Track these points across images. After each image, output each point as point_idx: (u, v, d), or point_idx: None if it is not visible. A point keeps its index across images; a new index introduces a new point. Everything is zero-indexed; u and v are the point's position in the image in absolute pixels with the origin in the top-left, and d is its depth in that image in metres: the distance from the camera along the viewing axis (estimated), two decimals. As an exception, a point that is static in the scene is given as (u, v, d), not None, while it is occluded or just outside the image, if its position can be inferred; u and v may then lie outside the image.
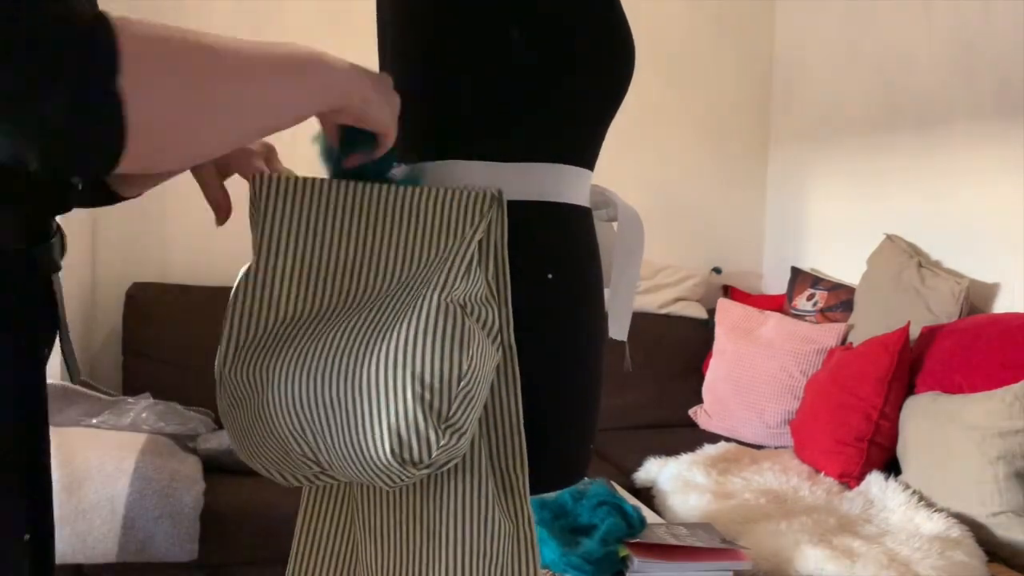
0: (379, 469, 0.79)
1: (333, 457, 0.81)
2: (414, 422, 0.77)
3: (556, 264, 0.93)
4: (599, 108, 0.96)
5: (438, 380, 0.77)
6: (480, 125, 0.91)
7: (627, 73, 0.97)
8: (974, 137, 2.71)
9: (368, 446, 0.78)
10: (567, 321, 0.94)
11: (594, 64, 0.94)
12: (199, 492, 2.23)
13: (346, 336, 0.80)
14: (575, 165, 0.95)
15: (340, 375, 0.79)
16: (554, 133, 0.93)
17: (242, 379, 0.82)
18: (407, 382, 0.77)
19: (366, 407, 0.77)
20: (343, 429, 0.78)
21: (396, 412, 0.77)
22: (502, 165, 0.90)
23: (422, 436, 0.77)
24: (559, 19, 0.90)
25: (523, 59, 0.89)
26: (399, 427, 0.77)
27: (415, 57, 0.92)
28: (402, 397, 0.77)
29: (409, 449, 0.77)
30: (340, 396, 0.78)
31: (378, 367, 0.78)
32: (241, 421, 0.84)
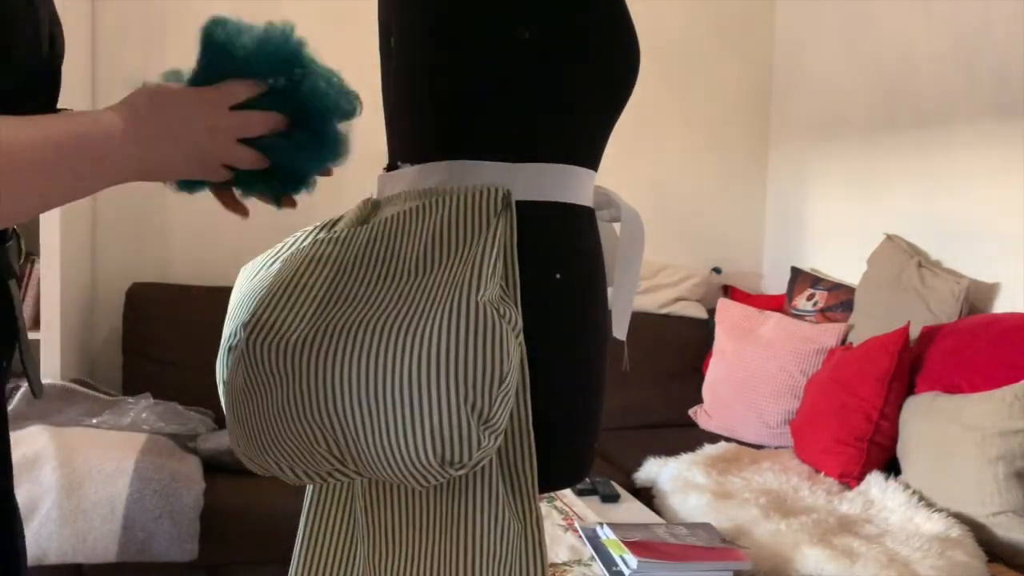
0: (416, 470, 0.80)
1: (364, 456, 0.81)
2: (458, 424, 0.78)
3: (563, 264, 0.93)
4: (605, 108, 0.97)
5: (481, 382, 0.78)
6: (489, 125, 0.91)
7: (633, 73, 0.98)
8: (974, 137, 2.71)
9: (409, 447, 0.78)
10: (574, 321, 0.94)
11: (601, 64, 0.94)
12: (199, 492, 2.23)
13: (381, 335, 0.80)
14: (580, 166, 0.95)
15: (379, 375, 0.79)
16: (561, 133, 0.94)
17: (270, 360, 0.82)
18: (451, 384, 0.78)
19: (407, 409, 0.78)
20: (381, 429, 0.79)
21: (440, 414, 0.78)
22: (510, 165, 0.91)
23: (465, 438, 0.78)
24: (568, 19, 0.91)
25: (532, 59, 0.89)
26: (443, 429, 0.78)
27: (424, 57, 0.92)
28: (446, 399, 0.78)
29: (452, 450, 0.78)
30: (380, 397, 0.79)
31: (419, 368, 0.78)
32: (261, 408, 0.83)
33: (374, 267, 0.85)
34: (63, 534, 2.07)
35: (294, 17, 1.00)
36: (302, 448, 0.83)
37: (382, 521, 0.92)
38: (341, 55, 1.04)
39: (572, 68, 0.92)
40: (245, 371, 0.83)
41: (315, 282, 0.85)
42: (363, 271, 0.85)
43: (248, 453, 0.87)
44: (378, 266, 0.85)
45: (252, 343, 0.82)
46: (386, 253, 0.86)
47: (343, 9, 3.17)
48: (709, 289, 3.62)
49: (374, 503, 0.93)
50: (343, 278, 0.85)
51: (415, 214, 0.87)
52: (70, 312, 2.82)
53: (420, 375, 0.78)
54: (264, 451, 0.85)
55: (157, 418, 2.54)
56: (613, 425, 3.15)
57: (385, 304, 0.82)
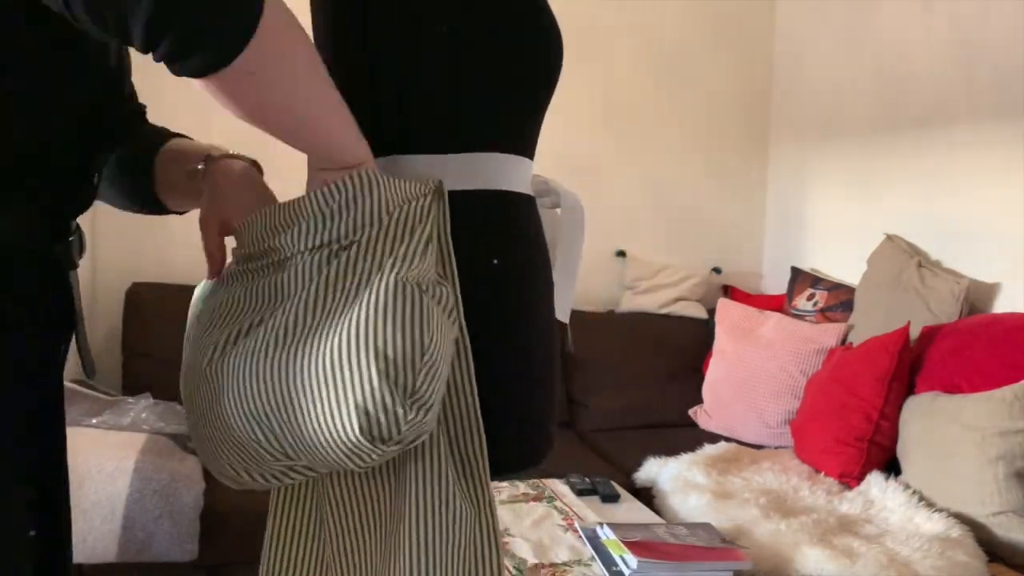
0: (350, 450, 0.79)
1: (301, 445, 0.81)
2: (380, 398, 0.77)
3: (501, 250, 0.94)
4: (531, 97, 0.99)
5: (401, 355, 0.78)
6: (417, 119, 0.93)
7: (556, 60, 1.00)
8: (974, 137, 2.71)
9: (336, 427, 0.78)
10: (514, 306, 0.95)
11: (522, 53, 0.96)
12: (199, 492, 2.23)
13: (301, 321, 0.81)
14: (513, 153, 0.97)
15: (301, 360, 0.80)
16: (489, 123, 0.95)
17: (214, 373, 0.85)
18: (370, 359, 0.77)
19: (331, 388, 0.78)
20: (309, 413, 0.79)
21: (362, 390, 0.77)
22: (442, 157, 0.93)
23: (389, 412, 0.78)
24: (483, 12, 0.93)
25: (452, 52, 0.91)
26: (366, 404, 0.77)
27: (350, 57, 0.94)
28: (367, 375, 0.77)
29: (378, 426, 0.78)
30: (303, 380, 0.79)
31: (339, 348, 0.78)
32: (210, 417, 0.85)
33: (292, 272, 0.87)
34: (63, 534, 2.08)
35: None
36: (248, 450, 0.84)
37: (342, 514, 0.93)
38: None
39: (492, 58, 0.94)
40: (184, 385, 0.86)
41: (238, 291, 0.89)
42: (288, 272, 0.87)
43: (205, 462, 0.89)
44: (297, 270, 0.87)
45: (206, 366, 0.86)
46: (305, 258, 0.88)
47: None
48: (709, 289, 3.62)
49: (334, 497, 0.94)
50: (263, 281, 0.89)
51: None
52: (70, 312, 2.82)
53: (340, 355, 0.78)
54: (217, 458, 0.87)
55: (157, 418, 2.54)
56: (613, 425, 3.15)
57: (308, 295, 0.83)
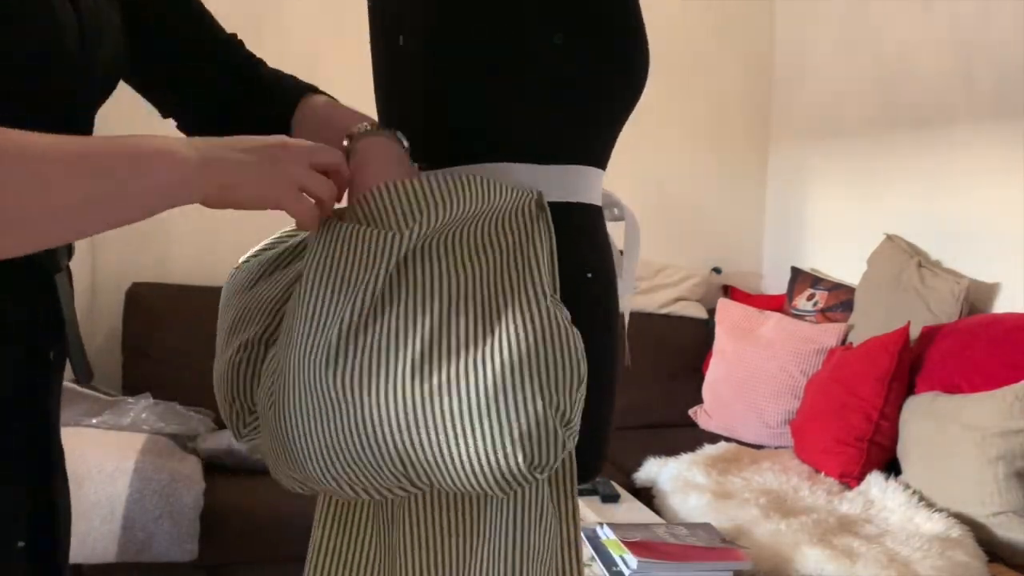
0: (504, 478, 0.79)
1: (444, 470, 0.80)
2: (546, 428, 0.78)
3: (592, 264, 0.94)
4: (621, 110, 0.98)
5: (563, 385, 0.79)
6: (522, 128, 0.92)
7: (646, 75, 0.99)
8: (974, 137, 2.71)
9: (499, 456, 0.78)
10: (602, 319, 0.96)
11: (625, 67, 0.96)
12: (199, 492, 2.23)
13: (446, 343, 0.79)
14: (595, 166, 0.97)
15: (460, 389, 0.78)
16: (583, 135, 0.95)
17: (335, 383, 0.79)
18: (535, 389, 0.78)
19: (495, 417, 0.78)
20: (468, 442, 0.78)
21: (528, 420, 0.77)
22: (541, 167, 0.92)
23: (552, 441, 0.78)
24: (596, 24, 0.92)
25: (564, 63, 0.91)
26: (531, 434, 0.78)
27: (457, 62, 0.92)
28: (532, 404, 0.77)
29: (540, 454, 0.78)
30: (463, 410, 0.78)
31: (503, 377, 0.78)
32: (327, 430, 0.80)
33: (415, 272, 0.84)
34: (63, 534, 2.08)
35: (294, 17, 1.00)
36: (370, 468, 0.81)
37: (423, 523, 0.91)
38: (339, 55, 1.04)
39: (597, 72, 0.93)
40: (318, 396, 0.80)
41: None
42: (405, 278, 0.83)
43: (295, 474, 0.84)
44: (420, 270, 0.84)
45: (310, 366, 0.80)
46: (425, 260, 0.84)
47: (343, 9, 3.16)
48: (709, 289, 3.62)
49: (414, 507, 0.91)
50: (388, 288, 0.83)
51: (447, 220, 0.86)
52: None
53: (505, 383, 0.78)
54: (326, 471, 0.82)
55: (157, 418, 2.54)
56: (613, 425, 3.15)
57: (445, 313, 0.81)
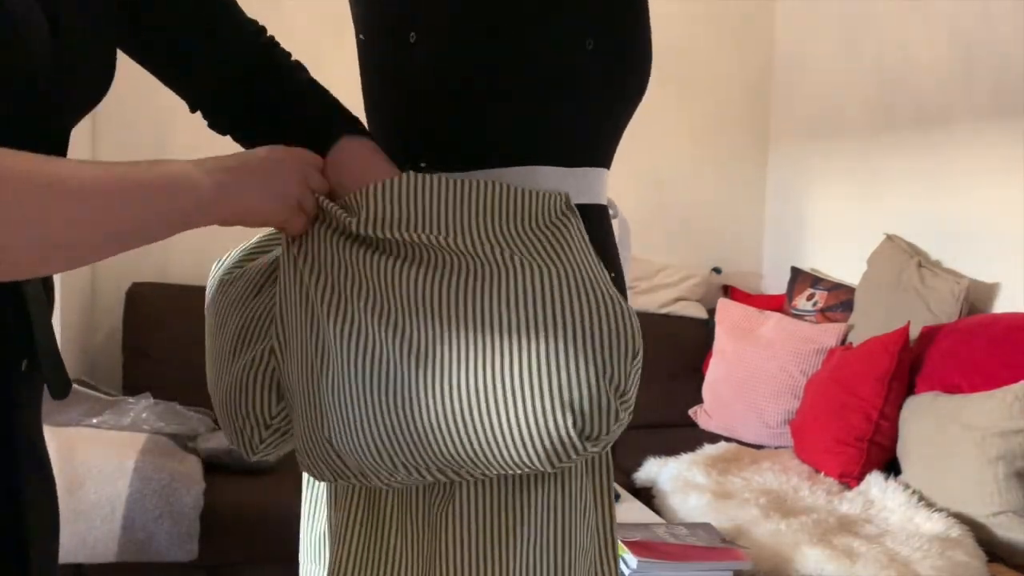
0: (552, 447, 0.79)
1: (495, 440, 0.80)
2: (598, 397, 0.78)
3: (612, 264, 0.95)
4: (630, 110, 1.00)
5: (618, 356, 0.79)
6: (551, 131, 0.92)
7: (649, 76, 1.01)
8: (974, 137, 2.71)
9: (548, 421, 0.78)
10: None
11: (639, 70, 0.97)
12: (199, 492, 2.23)
13: (494, 319, 0.80)
14: (604, 167, 0.98)
15: (507, 355, 0.78)
16: (603, 137, 0.96)
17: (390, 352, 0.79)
18: (589, 358, 0.78)
19: (547, 384, 0.78)
20: (515, 407, 0.78)
21: (580, 387, 0.78)
22: (568, 170, 0.92)
23: (604, 410, 0.79)
24: (624, 29, 0.93)
25: (593, 68, 0.92)
26: (583, 402, 0.78)
27: (486, 64, 0.91)
28: (584, 373, 0.78)
29: (593, 423, 0.79)
30: (509, 375, 0.78)
31: (557, 346, 0.78)
32: (383, 399, 0.80)
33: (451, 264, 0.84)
34: (63, 534, 2.07)
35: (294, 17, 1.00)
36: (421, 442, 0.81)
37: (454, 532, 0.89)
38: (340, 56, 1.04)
39: (621, 76, 0.94)
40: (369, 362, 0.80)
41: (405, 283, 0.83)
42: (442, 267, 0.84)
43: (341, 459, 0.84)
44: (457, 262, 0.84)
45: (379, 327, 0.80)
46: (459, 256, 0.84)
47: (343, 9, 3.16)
48: (709, 289, 3.62)
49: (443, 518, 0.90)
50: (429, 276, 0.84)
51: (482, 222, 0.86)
52: (70, 312, 2.82)
53: (558, 351, 0.78)
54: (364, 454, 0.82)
55: (157, 418, 2.54)
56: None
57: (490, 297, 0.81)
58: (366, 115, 1.00)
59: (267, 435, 0.91)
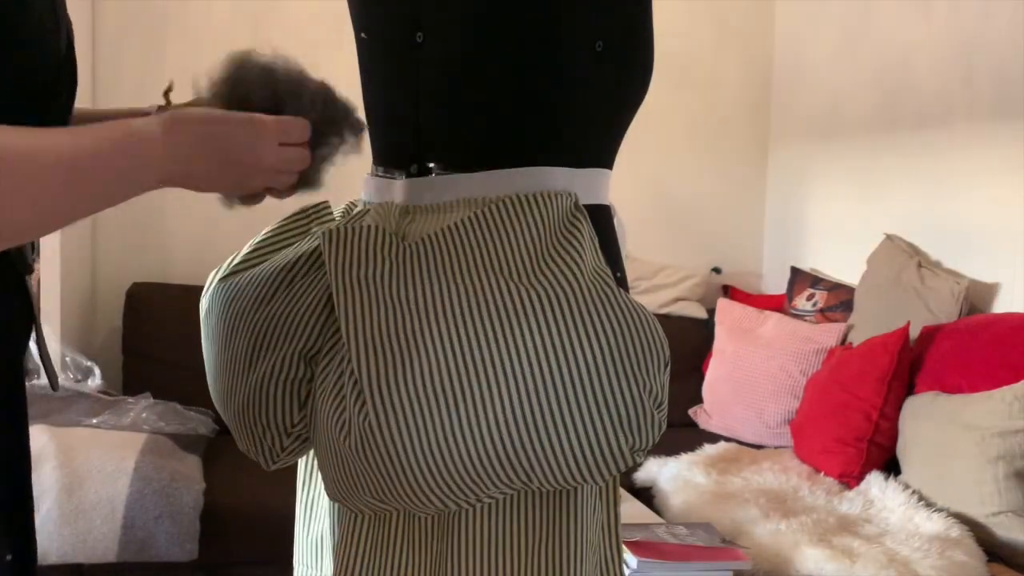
0: (605, 464, 0.81)
1: (549, 464, 0.81)
2: (642, 410, 0.81)
3: (616, 262, 0.96)
4: (633, 111, 1.01)
5: (651, 367, 0.82)
6: (561, 132, 0.93)
7: (651, 76, 1.02)
8: (974, 137, 2.71)
9: (602, 443, 0.80)
10: None
11: (643, 71, 0.98)
12: (199, 492, 2.23)
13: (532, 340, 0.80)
14: (608, 168, 0.98)
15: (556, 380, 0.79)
16: (609, 138, 0.97)
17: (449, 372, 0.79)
18: (629, 374, 0.80)
19: (595, 405, 0.79)
20: (567, 433, 0.79)
21: (626, 404, 0.80)
22: (576, 171, 0.93)
23: (649, 423, 0.81)
24: (630, 31, 0.94)
25: (603, 69, 0.92)
26: (631, 418, 0.80)
27: (502, 67, 0.91)
28: (627, 389, 0.80)
29: (640, 436, 0.81)
30: (556, 402, 0.79)
31: (597, 365, 0.79)
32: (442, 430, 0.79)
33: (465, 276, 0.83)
34: (63, 534, 2.08)
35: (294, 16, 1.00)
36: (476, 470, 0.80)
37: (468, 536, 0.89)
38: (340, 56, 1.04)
39: (627, 77, 0.95)
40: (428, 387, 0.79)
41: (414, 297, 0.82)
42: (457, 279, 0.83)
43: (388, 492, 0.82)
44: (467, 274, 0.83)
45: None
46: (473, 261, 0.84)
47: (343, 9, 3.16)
48: (709, 289, 3.61)
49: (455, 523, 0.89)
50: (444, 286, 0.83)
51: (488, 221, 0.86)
52: (70, 312, 2.82)
53: (600, 372, 0.79)
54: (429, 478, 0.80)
55: (157, 418, 2.54)
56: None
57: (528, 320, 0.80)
58: (366, 114, 1.00)
59: (288, 443, 0.90)
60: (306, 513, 1.04)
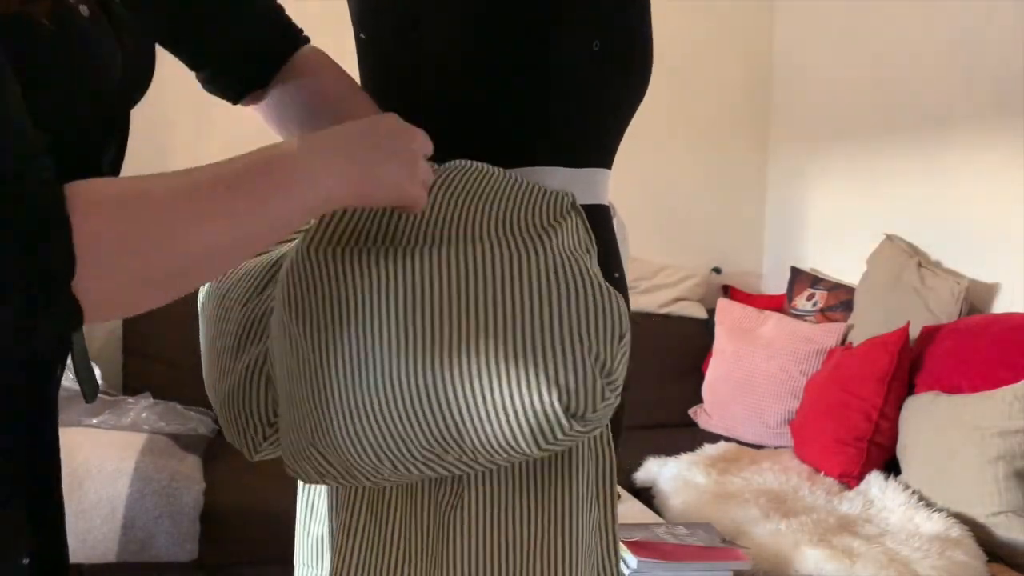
0: (538, 426, 0.77)
1: (479, 421, 0.78)
2: (583, 373, 0.77)
3: (617, 263, 0.96)
4: (632, 111, 1.01)
5: (603, 334, 0.78)
6: (558, 132, 0.93)
7: (650, 73, 1.02)
8: (974, 137, 2.71)
9: (533, 398, 0.76)
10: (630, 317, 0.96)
11: (642, 71, 0.98)
12: (199, 492, 2.23)
13: (477, 300, 0.78)
14: (607, 168, 0.98)
15: (491, 333, 0.77)
16: (608, 137, 0.97)
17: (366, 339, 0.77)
18: (575, 334, 0.77)
19: (531, 358, 0.76)
20: (499, 385, 0.77)
21: (566, 363, 0.77)
22: (574, 171, 0.93)
23: (590, 388, 0.77)
24: (628, 31, 0.94)
25: (600, 69, 0.92)
26: (568, 378, 0.76)
27: (500, 67, 0.92)
28: (571, 349, 0.77)
29: (578, 400, 0.77)
30: (493, 353, 0.77)
31: (543, 321, 0.77)
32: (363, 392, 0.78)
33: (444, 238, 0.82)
34: (63, 534, 2.08)
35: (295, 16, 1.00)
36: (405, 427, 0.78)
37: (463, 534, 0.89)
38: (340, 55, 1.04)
39: (624, 77, 0.95)
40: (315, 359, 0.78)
41: None
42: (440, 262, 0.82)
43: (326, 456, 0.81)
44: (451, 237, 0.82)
45: None
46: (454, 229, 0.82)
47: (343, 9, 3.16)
48: (709, 289, 3.61)
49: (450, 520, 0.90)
50: None
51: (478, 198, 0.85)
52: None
53: (543, 327, 0.77)
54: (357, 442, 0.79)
55: (157, 418, 2.54)
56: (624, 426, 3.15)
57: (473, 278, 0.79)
58: None
59: (270, 433, 0.91)
60: (306, 513, 1.05)
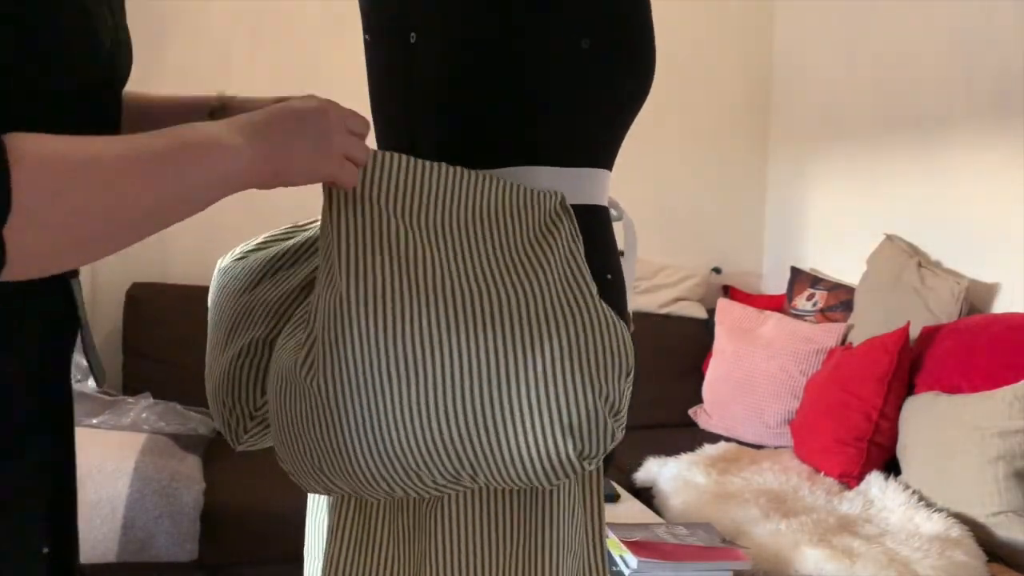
0: (552, 467, 0.80)
1: (495, 462, 0.80)
2: (595, 417, 0.79)
3: (611, 265, 0.95)
4: (632, 111, 1.00)
5: (610, 374, 0.80)
6: (547, 132, 0.93)
7: (653, 75, 1.01)
8: (974, 137, 2.71)
9: (549, 445, 0.79)
10: (625, 320, 0.96)
11: (641, 71, 0.97)
12: (199, 492, 2.23)
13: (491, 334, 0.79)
14: (606, 168, 0.98)
15: (505, 379, 0.78)
16: (603, 138, 0.96)
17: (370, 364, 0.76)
18: (585, 378, 0.79)
19: (545, 405, 0.78)
20: (518, 429, 0.79)
21: (578, 408, 0.78)
22: (564, 170, 0.92)
23: (601, 430, 0.79)
24: (621, 30, 0.93)
25: (591, 68, 0.92)
26: (581, 423, 0.78)
27: (482, 64, 0.92)
28: (582, 393, 0.78)
29: (590, 443, 0.79)
30: (514, 394, 0.78)
31: (553, 365, 0.78)
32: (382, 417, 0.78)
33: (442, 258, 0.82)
34: (63, 534, 2.08)
35: (294, 17, 1.00)
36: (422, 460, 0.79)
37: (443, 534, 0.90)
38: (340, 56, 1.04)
39: (619, 76, 0.94)
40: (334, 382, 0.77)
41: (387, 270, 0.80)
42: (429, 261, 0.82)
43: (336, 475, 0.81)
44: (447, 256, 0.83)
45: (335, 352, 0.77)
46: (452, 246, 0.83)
47: (343, 9, 3.16)
48: (709, 289, 3.62)
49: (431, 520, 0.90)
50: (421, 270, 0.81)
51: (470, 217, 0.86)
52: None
53: (555, 373, 0.78)
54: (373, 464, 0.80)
55: (157, 418, 2.54)
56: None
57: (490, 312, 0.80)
58: (372, 115, 1.01)
59: (252, 426, 0.92)
60: (315, 503, 1.06)
